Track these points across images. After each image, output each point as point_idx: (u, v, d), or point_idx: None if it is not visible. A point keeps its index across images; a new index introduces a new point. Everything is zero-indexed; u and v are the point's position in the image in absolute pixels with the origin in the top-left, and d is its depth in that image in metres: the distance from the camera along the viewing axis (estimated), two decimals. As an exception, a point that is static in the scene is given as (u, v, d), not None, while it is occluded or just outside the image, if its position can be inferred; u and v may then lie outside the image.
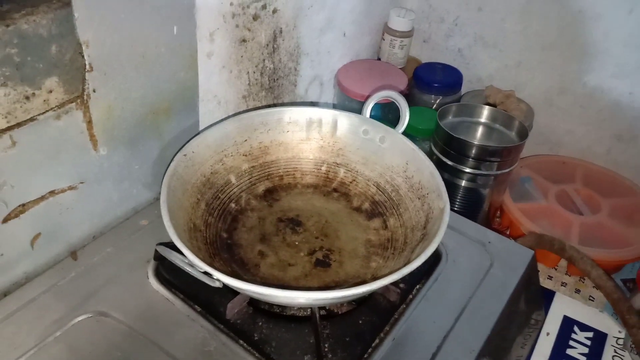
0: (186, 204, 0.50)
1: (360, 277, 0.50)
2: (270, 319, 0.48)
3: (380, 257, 0.52)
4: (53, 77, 0.43)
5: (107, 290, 0.49)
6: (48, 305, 0.47)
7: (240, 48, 0.62)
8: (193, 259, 0.41)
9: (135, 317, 0.46)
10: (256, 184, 0.59)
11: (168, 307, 0.48)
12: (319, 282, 0.49)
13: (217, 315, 0.47)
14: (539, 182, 0.87)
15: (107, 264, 0.51)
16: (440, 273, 0.54)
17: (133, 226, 0.57)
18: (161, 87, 0.53)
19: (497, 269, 0.55)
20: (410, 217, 0.53)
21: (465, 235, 0.59)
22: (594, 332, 0.71)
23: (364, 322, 0.48)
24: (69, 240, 0.52)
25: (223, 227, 0.54)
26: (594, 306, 0.75)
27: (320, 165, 0.61)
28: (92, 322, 0.46)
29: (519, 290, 0.54)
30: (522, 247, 0.58)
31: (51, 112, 0.44)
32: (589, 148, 0.92)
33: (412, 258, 0.47)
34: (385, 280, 0.40)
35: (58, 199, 0.49)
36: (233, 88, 0.64)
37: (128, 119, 0.52)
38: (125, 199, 0.57)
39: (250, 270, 0.50)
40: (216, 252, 0.50)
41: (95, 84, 0.47)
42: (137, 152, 0.55)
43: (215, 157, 0.55)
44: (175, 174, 0.50)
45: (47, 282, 0.49)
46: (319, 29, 0.76)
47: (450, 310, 0.50)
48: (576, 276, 0.79)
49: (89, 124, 0.48)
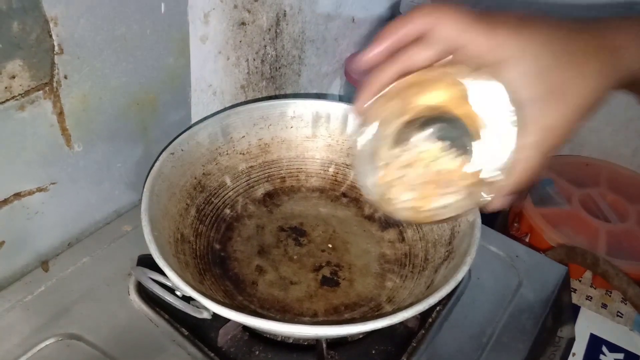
0: (173, 211, 0.46)
1: (374, 300, 0.45)
2: (269, 346, 0.43)
3: (397, 276, 0.47)
4: (16, 59, 0.39)
5: (80, 308, 0.45)
6: (11, 326, 0.43)
7: (238, 32, 0.58)
8: (178, 281, 0.35)
9: (113, 341, 0.42)
10: (255, 187, 0.56)
11: (151, 329, 0.44)
12: (325, 305, 0.45)
13: (207, 341, 0.43)
14: (561, 185, 0.82)
15: (82, 277, 0.48)
16: (463, 292, 0.49)
17: (114, 232, 0.53)
18: (146, 75, 0.50)
19: (527, 288, 0.51)
20: (431, 229, 0.48)
21: (489, 247, 0.54)
22: (624, 354, 0.65)
23: (377, 352, 0.44)
24: (39, 249, 0.49)
25: (216, 237, 0.50)
26: (623, 323, 0.69)
27: (328, 166, 0.58)
28: (61, 347, 0.42)
29: (551, 312, 0.49)
30: (554, 263, 0.54)
31: (13, 101, 0.40)
32: (614, 149, 0.88)
33: (435, 279, 0.41)
34: (408, 312, 0.34)
35: (25, 202, 0.45)
36: (230, 77, 0.61)
37: (107, 111, 0.48)
38: (105, 202, 0.53)
39: (246, 290, 0.46)
40: (207, 268, 0.46)
41: (66, 70, 0.42)
42: (118, 148, 0.51)
43: (208, 155, 0.52)
44: (160, 175, 0.46)
45: (11, 298, 0.45)
46: (326, 13, 0.72)
47: (475, 338, 0.45)
48: (602, 289, 0.74)
49: (60, 116, 0.44)
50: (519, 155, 0.30)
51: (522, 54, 0.29)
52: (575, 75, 0.29)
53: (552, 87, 0.29)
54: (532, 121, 0.29)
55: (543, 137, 0.29)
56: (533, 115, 0.29)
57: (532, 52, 0.29)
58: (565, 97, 0.29)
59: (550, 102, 0.28)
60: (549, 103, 0.28)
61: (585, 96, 0.29)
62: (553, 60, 0.29)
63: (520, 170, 0.30)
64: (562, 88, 0.29)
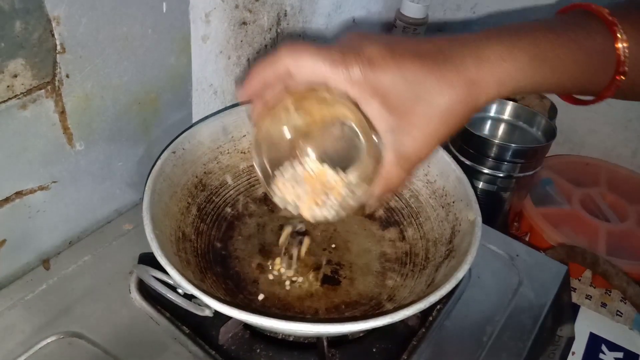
0: (174, 210, 0.46)
1: (375, 298, 0.45)
2: (270, 345, 0.43)
3: (398, 274, 0.47)
4: (18, 59, 0.38)
5: (82, 306, 0.45)
6: (12, 324, 0.43)
7: (239, 31, 0.58)
8: (179, 279, 0.35)
9: (114, 339, 0.42)
10: (255, 186, 0.55)
11: (152, 327, 0.44)
12: (326, 303, 0.45)
13: (208, 339, 0.43)
14: (561, 184, 0.82)
15: (83, 275, 0.48)
16: (464, 291, 0.49)
17: (115, 231, 0.53)
18: (148, 74, 0.49)
19: (527, 287, 0.50)
20: (432, 228, 0.48)
21: (490, 246, 0.54)
22: (624, 353, 0.65)
23: (378, 350, 0.43)
24: (40, 247, 0.48)
25: (217, 235, 0.50)
26: (622, 322, 0.69)
27: None
28: (63, 345, 0.41)
29: (551, 311, 0.49)
30: (554, 262, 0.54)
31: (15, 100, 0.40)
32: (614, 149, 0.87)
33: (436, 278, 0.41)
34: (409, 310, 0.34)
35: (26, 200, 0.45)
36: (231, 76, 0.61)
37: (109, 110, 0.48)
38: (107, 200, 0.53)
39: (247, 288, 0.46)
40: (208, 266, 0.46)
41: (68, 69, 0.42)
42: (119, 147, 0.51)
43: (210, 154, 0.52)
44: (162, 174, 0.45)
45: (13, 296, 0.45)
46: (326, 13, 0.72)
47: (475, 336, 0.45)
48: (602, 288, 0.74)
49: (62, 115, 0.44)
50: (381, 170, 0.34)
51: (374, 93, 0.31)
52: (428, 106, 0.31)
53: (402, 121, 0.32)
54: (388, 147, 0.33)
55: (398, 159, 0.33)
56: (388, 143, 0.33)
57: (383, 89, 0.31)
58: (417, 127, 0.32)
59: (403, 132, 0.32)
60: (400, 133, 0.32)
61: (439, 124, 0.31)
62: (406, 94, 0.31)
63: (381, 182, 0.35)
64: (412, 120, 0.31)
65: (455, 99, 0.31)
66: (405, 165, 0.33)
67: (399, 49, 0.31)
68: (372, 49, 0.31)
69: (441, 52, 0.31)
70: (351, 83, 0.31)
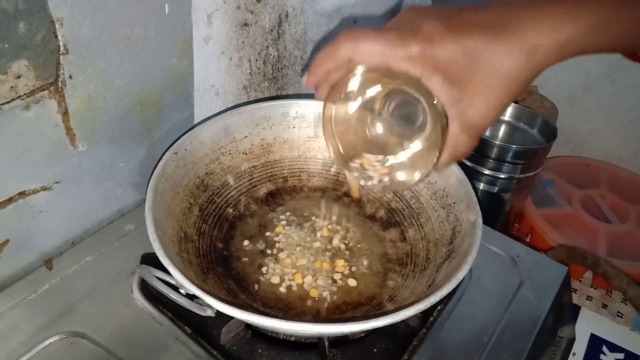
0: (176, 210, 0.46)
1: (376, 299, 0.45)
2: (271, 345, 0.43)
3: (398, 275, 0.47)
4: (21, 60, 0.39)
5: (84, 306, 0.45)
6: (15, 324, 0.43)
7: (241, 33, 0.58)
8: (181, 279, 0.35)
9: (116, 339, 0.42)
10: (257, 186, 0.55)
11: (154, 327, 0.44)
12: (328, 303, 0.44)
13: (210, 339, 0.43)
14: (561, 186, 0.82)
15: (85, 275, 0.48)
16: (464, 292, 0.49)
17: (117, 231, 0.53)
18: (150, 75, 0.50)
19: (528, 288, 0.50)
20: (432, 229, 0.48)
21: (490, 247, 0.54)
22: (625, 354, 0.65)
23: (379, 350, 0.43)
24: (43, 247, 0.48)
25: (219, 235, 0.50)
26: (623, 323, 0.69)
27: (330, 166, 0.57)
28: (65, 345, 0.41)
29: (551, 312, 0.49)
30: (555, 263, 0.53)
31: (19, 100, 0.40)
32: (614, 150, 0.87)
33: (436, 278, 0.41)
34: (409, 310, 0.34)
35: (29, 201, 0.45)
36: (233, 77, 0.60)
37: (111, 111, 0.48)
38: (109, 201, 0.53)
39: (248, 288, 0.45)
40: (210, 266, 0.46)
41: (71, 70, 0.42)
42: (122, 148, 0.51)
43: (211, 155, 0.52)
44: (164, 175, 0.45)
45: (16, 296, 0.45)
46: (328, 14, 0.72)
47: (476, 337, 0.45)
48: (602, 289, 0.74)
49: (64, 116, 0.44)
50: (448, 140, 0.35)
51: (435, 69, 0.32)
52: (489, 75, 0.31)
53: (465, 92, 0.32)
54: (453, 118, 0.33)
55: (464, 128, 0.34)
56: (453, 114, 0.33)
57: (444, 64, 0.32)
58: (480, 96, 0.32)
59: (466, 102, 0.32)
60: (464, 104, 0.32)
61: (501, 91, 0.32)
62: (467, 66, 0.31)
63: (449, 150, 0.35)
64: (475, 91, 0.32)
65: (515, 66, 0.31)
66: (471, 133, 0.34)
67: (455, 21, 0.31)
68: (429, 25, 0.31)
69: (499, 20, 0.31)
70: (412, 62, 0.32)
